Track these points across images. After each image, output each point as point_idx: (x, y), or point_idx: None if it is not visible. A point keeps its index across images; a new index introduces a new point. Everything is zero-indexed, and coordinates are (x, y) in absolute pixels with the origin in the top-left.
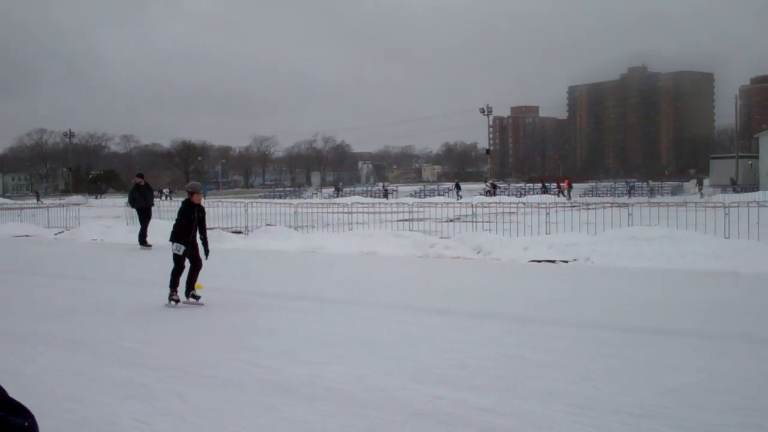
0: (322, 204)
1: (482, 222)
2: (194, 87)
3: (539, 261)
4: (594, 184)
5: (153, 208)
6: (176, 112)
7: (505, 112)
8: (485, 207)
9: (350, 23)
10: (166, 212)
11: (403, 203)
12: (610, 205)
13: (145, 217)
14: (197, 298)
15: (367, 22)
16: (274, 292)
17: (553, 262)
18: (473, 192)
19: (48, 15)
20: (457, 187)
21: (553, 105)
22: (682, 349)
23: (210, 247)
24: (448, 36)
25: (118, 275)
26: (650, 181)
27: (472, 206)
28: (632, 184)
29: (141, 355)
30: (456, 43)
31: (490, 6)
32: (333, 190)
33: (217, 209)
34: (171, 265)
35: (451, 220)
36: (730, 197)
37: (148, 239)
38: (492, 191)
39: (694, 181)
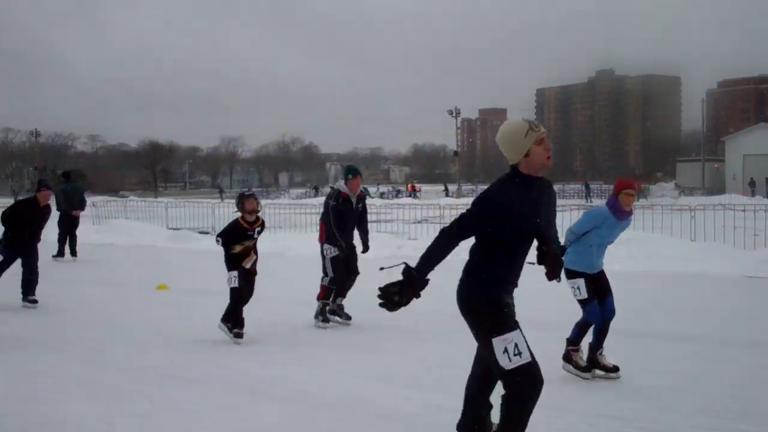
0: (290, 205)
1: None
2: (161, 87)
3: None
4: (561, 186)
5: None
6: (143, 112)
7: (474, 114)
8: (453, 209)
9: (317, 24)
10: None
11: (371, 204)
12: (577, 207)
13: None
14: None
15: (334, 23)
16: None
17: None
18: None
19: (6, 13)
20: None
21: (521, 107)
22: (650, 351)
23: (176, 247)
24: (415, 38)
25: (84, 275)
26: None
27: (440, 208)
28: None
29: (106, 355)
30: (424, 45)
31: (458, 8)
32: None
33: (183, 210)
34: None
35: (419, 222)
36: (696, 200)
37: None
38: None
39: (662, 184)
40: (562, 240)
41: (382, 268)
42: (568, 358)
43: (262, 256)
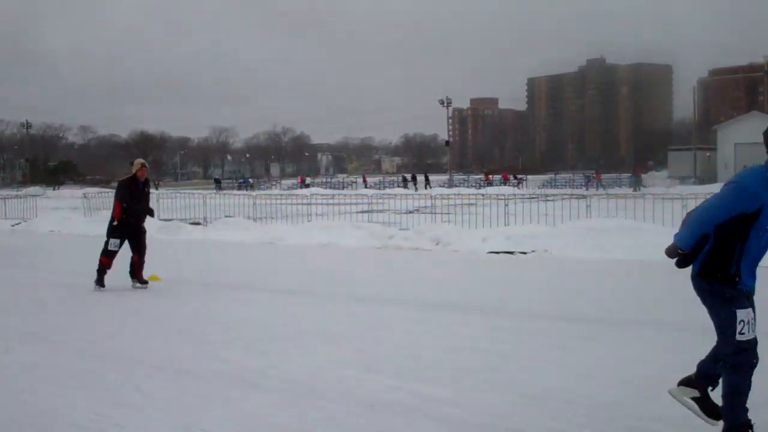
0: (282, 195)
1: (441, 213)
2: (152, 77)
3: (498, 252)
4: (553, 175)
5: None
6: (134, 103)
7: (465, 104)
8: (444, 198)
9: (308, 14)
10: None
11: (363, 194)
12: (568, 196)
13: None
14: None
15: (324, 12)
16: (231, 284)
17: (511, 253)
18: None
19: None
20: (414, 180)
21: (512, 97)
22: (638, 340)
23: (168, 238)
24: (406, 27)
25: (75, 267)
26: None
27: (431, 198)
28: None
29: (98, 346)
30: (415, 34)
31: None
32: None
33: (175, 200)
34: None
35: (410, 212)
36: (688, 189)
37: None
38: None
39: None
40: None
41: None
42: None
43: (252, 246)
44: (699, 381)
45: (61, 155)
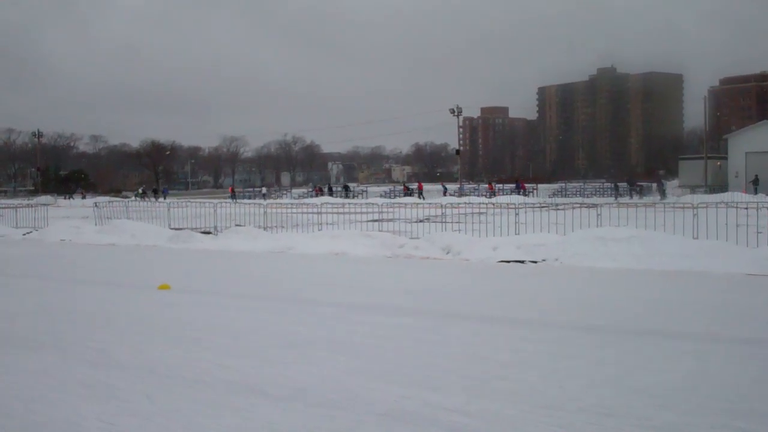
0: (292, 204)
1: (452, 222)
2: (163, 87)
3: (508, 261)
4: (563, 184)
5: None
6: (145, 113)
7: (475, 113)
8: (455, 207)
9: (319, 24)
10: None
11: (373, 203)
12: (579, 205)
13: None
14: None
15: (335, 22)
16: (241, 293)
17: (522, 262)
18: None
19: (9, 14)
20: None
21: (522, 106)
22: (648, 348)
23: (178, 247)
24: (417, 37)
25: (86, 276)
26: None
27: (441, 206)
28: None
29: (107, 355)
30: (425, 43)
31: (459, 6)
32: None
33: (186, 209)
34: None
35: (420, 221)
36: (699, 198)
37: None
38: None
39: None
40: None
41: None
42: None
43: (262, 255)
44: None
45: (72, 165)
